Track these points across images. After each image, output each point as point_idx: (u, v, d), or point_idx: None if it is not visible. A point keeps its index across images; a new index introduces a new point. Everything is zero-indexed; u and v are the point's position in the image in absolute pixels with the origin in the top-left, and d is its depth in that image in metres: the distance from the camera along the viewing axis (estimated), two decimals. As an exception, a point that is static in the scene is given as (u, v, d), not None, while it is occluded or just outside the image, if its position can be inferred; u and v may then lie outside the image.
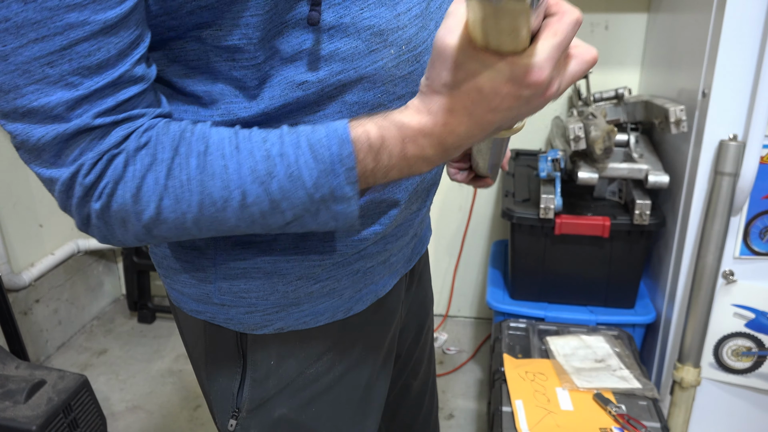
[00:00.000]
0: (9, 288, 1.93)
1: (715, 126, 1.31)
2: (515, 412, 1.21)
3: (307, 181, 0.49)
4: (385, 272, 0.71)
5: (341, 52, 0.53)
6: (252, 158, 0.49)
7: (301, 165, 0.49)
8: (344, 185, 0.50)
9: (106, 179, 0.48)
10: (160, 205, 0.49)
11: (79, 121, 0.46)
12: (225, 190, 0.49)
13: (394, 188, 0.64)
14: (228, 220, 0.51)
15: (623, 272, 1.56)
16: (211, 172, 0.49)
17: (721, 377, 1.45)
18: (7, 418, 1.32)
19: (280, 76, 0.53)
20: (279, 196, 0.49)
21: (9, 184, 1.95)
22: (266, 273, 0.62)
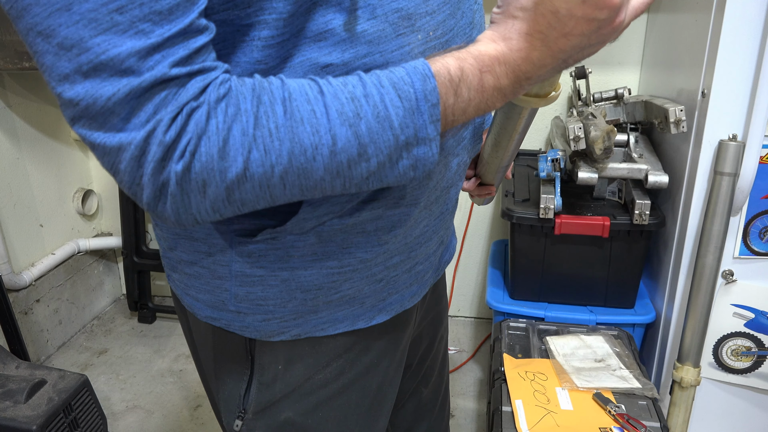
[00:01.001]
0: (9, 288, 1.93)
1: (715, 126, 1.31)
2: (515, 412, 1.21)
3: (394, 120, 0.48)
4: (412, 281, 0.69)
5: (368, 34, 0.52)
6: (338, 100, 0.47)
7: (387, 104, 0.47)
8: (428, 124, 0.48)
9: (188, 135, 0.44)
10: (249, 158, 0.45)
11: (154, 72, 0.42)
12: (315, 135, 0.46)
13: (413, 187, 0.62)
14: (316, 171, 0.48)
15: (623, 272, 1.56)
16: (299, 117, 0.46)
17: (720, 377, 1.45)
18: (8, 417, 1.32)
19: (303, 56, 0.51)
20: (367, 139, 0.47)
21: (9, 184, 1.95)
22: (284, 280, 0.61)
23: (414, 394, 0.91)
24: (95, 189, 2.36)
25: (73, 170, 2.24)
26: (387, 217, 0.62)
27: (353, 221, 0.60)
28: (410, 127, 0.48)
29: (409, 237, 0.66)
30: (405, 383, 0.88)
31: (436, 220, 0.69)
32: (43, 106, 2.08)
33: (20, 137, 1.99)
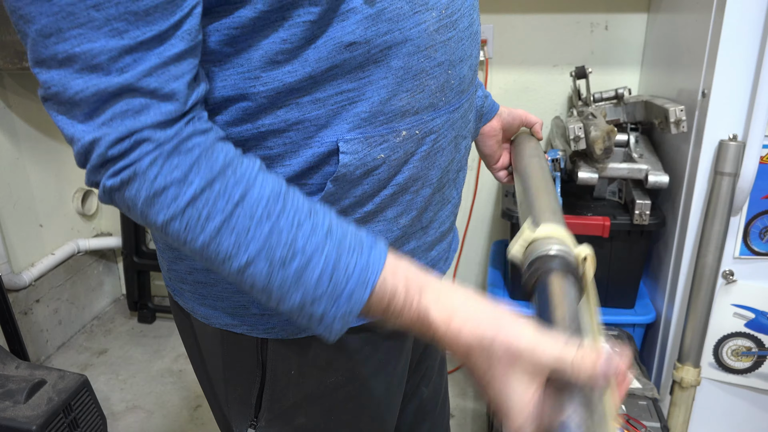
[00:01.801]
0: (9, 288, 1.93)
1: (715, 126, 1.31)
2: (515, 412, 1.21)
3: (310, 291, 0.48)
4: (427, 267, 0.69)
5: (387, 11, 0.52)
6: (277, 237, 0.47)
7: (316, 275, 0.47)
8: (336, 319, 0.48)
9: (126, 161, 0.45)
10: (169, 222, 0.47)
11: (123, 77, 0.43)
12: (235, 248, 0.47)
13: (429, 164, 0.62)
14: (220, 269, 0.49)
15: (623, 272, 1.56)
16: (232, 226, 0.47)
17: (720, 377, 1.45)
18: (7, 418, 1.32)
19: (326, 36, 0.51)
20: (276, 286, 0.48)
21: (9, 184, 1.95)
22: None
23: (415, 394, 0.91)
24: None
25: (73, 170, 2.24)
26: (404, 201, 0.62)
27: (373, 208, 0.60)
28: (320, 307, 0.48)
29: (424, 221, 0.66)
30: (406, 383, 0.87)
31: (448, 205, 0.69)
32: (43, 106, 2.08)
33: (20, 137, 1.99)
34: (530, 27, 1.85)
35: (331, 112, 0.54)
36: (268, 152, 0.55)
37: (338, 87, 0.53)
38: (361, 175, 0.57)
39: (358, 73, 0.53)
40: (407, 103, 0.56)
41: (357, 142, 0.55)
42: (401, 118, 0.57)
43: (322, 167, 0.56)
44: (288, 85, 0.52)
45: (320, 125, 0.54)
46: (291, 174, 0.56)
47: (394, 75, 0.55)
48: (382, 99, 0.55)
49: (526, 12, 1.84)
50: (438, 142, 0.62)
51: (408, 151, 0.59)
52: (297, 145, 0.55)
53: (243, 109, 0.53)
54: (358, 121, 0.55)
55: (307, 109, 0.54)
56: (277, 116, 0.54)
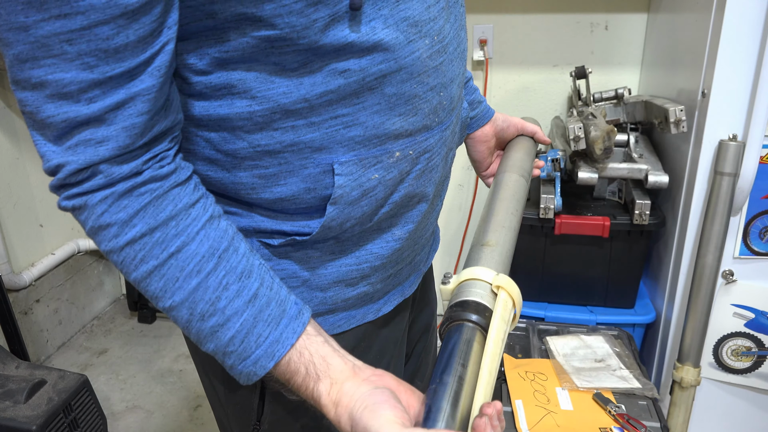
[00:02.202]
0: (9, 288, 1.93)
1: (715, 126, 1.31)
2: (515, 412, 1.21)
3: (222, 347, 0.53)
4: (411, 271, 0.72)
5: (384, 43, 0.54)
6: (202, 293, 0.51)
7: (229, 335, 0.52)
8: (242, 374, 0.54)
9: (79, 190, 0.50)
10: (108, 253, 0.52)
11: (91, 108, 0.46)
12: (161, 292, 0.52)
13: (425, 181, 0.64)
14: (153, 300, 0.53)
15: (623, 272, 1.56)
16: (162, 273, 0.51)
17: (720, 377, 1.45)
18: (7, 417, 1.32)
19: (321, 62, 0.53)
20: (193, 333, 0.53)
21: (9, 184, 1.95)
22: (304, 281, 0.63)
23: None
24: (95, 189, 2.36)
25: (73, 170, 2.24)
26: (403, 216, 0.64)
27: (371, 225, 0.62)
28: (229, 360, 0.54)
29: (419, 231, 0.68)
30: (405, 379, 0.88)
31: (434, 212, 0.72)
32: (43, 106, 2.08)
33: (20, 137, 1.99)
34: (530, 27, 1.85)
35: (326, 135, 0.56)
36: (264, 171, 0.57)
37: (333, 112, 0.55)
38: (358, 196, 0.59)
39: (353, 99, 0.55)
40: (400, 126, 0.58)
41: (351, 164, 0.57)
42: (394, 140, 0.58)
43: (318, 189, 0.58)
44: (283, 106, 0.54)
45: (315, 147, 0.56)
46: (288, 194, 0.58)
47: (387, 101, 0.57)
48: (375, 123, 0.57)
49: (526, 12, 1.84)
50: (432, 160, 0.64)
51: (402, 170, 0.61)
52: (292, 165, 0.57)
53: (239, 128, 0.55)
54: (353, 144, 0.57)
55: (302, 132, 0.55)
56: (272, 137, 0.55)
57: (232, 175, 0.58)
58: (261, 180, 0.57)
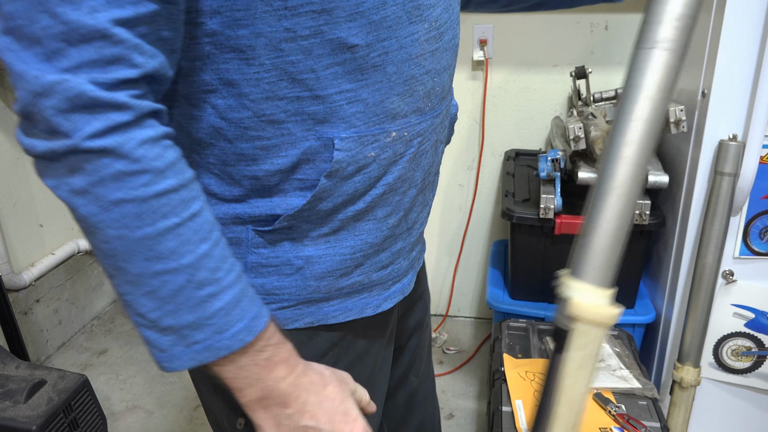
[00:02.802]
0: (9, 288, 1.93)
1: (715, 126, 1.31)
2: (515, 412, 1.21)
3: (204, 317, 0.52)
4: (408, 268, 0.73)
5: (388, 19, 0.56)
6: (208, 260, 0.51)
7: (217, 305, 0.52)
8: (203, 348, 0.52)
9: (109, 122, 0.46)
10: (120, 203, 0.48)
11: (95, 21, 0.43)
12: (170, 252, 0.50)
13: (416, 166, 0.66)
14: (129, 261, 0.50)
15: (623, 272, 1.56)
16: (179, 233, 0.49)
17: (720, 377, 1.45)
18: (7, 418, 1.32)
19: (331, 32, 0.54)
20: (180, 300, 0.51)
21: (9, 184, 1.95)
22: (298, 269, 0.64)
23: (404, 384, 0.92)
24: (95, 189, 2.36)
25: (73, 170, 2.24)
26: (393, 202, 0.65)
27: (364, 207, 0.63)
28: (200, 334, 0.52)
29: (409, 221, 0.69)
30: (394, 370, 0.89)
31: (427, 207, 0.73)
32: (43, 106, 2.08)
33: (20, 137, 1.99)
34: (530, 27, 1.85)
35: (329, 109, 0.57)
36: (266, 142, 0.58)
37: (338, 86, 0.56)
38: (353, 171, 0.60)
39: (357, 75, 0.56)
40: (398, 106, 0.60)
41: (351, 140, 0.58)
42: (392, 120, 0.60)
43: (317, 162, 0.59)
44: (290, 75, 0.54)
45: (318, 120, 0.57)
46: (287, 165, 0.59)
47: (388, 79, 0.58)
48: (376, 101, 0.58)
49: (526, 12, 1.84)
50: (423, 145, 0.65)
51: (397, 152, 0.62)
52: (294, 137, 0.58)
53: (245, 95, 0.55)
54: (354, 120, 0.58)
55: (307, 104, 0.56)
56: (277, 107, 0.56)
57: (234, 146, 0.58)
58: (262, 151, 0.58)
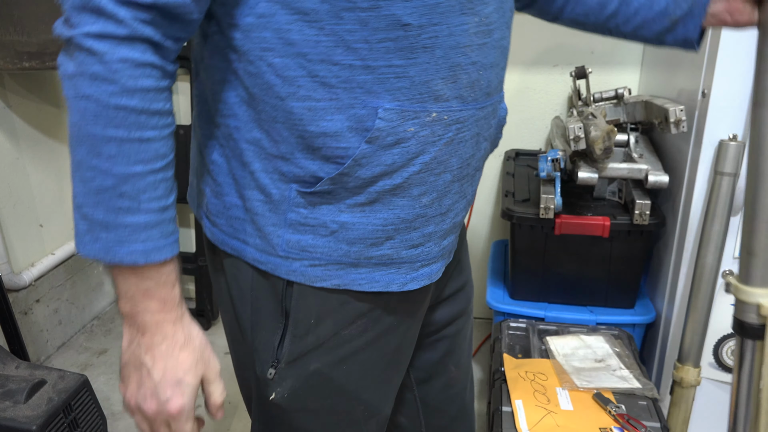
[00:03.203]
0: (9, 288, 1.93)
1: (715, 126, 1.31)
2: (515, 412, 1.21)
3: (112, 223, 0.57)
4: (438, 256, 0.75)
5: (442, 6, 0.60)
6: (138, 180, 0.57)
7: (129, 220, 0.58)
8: (98, 248, 0.58)
9: (78, 29, 0.54)
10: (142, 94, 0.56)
11: None
12: (109, 159, 0.56)
13: (452, 151, 0.68)
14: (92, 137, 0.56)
15: (623, 272, 1.56)
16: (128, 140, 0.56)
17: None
18: (7, 418, 1.32)
19: (388, 8, 0.58)
20: (104, 191, 0.57)
21: (9, 184, 1.95)
22: (333, 231, 0.67)
23: (442, 372, 0.95)
24: (95, 189, 2.36)
25: (73, 170, 2.24)
26: (428, 181, 0.68)
27: (400, 182, 0.66)
28: (102, 232, 0.58)
29: (443, 206, 0.72)
30: (430, 355, 0.93)
31: (464, 199, 0.75)
32: (43, 106, 2.08)
33: (20, 137, 1.99)
34: (530, 27, 1.85)
35: (378, 80, 0.61)
36: (315, 104, 0.62)
37: (388, 60, 0.61)
38: (392, 143, 0.64)
39: (408, 53, 0.61)
40: (441, 89, 0.64)
41: (393, 113, 0.62)
42: (434, 102, 0.64)
43: (359, 129, 0.63)
44: (346, 43, 0.59)
45: (366, 89, 0.61)
46: (332, 130, 0.63)
47: (435, 62, 0.62)
48: (422, 81, 0.62)
49: (526, 12, 1.84)
50: (461, 132, 0.68)
51: (435, 132, 0.65)
52: (341, 102, 0.62)
53: (303, 55, 0.60)
54: (398, 95, 0.62)
55: (358, 72, 0.61)
56: (330, 71, 0.61)
57: (285, 104, 0.62)
58: (310, 113, 0.62)
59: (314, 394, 0.76)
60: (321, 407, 0.77)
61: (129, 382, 0.64)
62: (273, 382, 0.75)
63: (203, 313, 2.26)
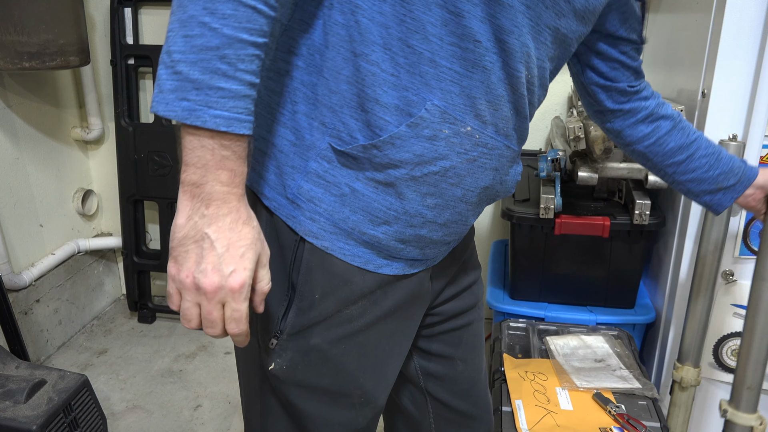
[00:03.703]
0: (9, 288, 1.93)
1: (715, 126, 1.31)
2: (515, 412, 1.21)
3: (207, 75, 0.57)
4: (418, 260, 0.78)
5: (508, 46, 0.66)
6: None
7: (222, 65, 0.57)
8: (183, 106, 0.57)
9: None
10: None
11: None
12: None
13: (470, 171, 0.71)
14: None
15: (623, 272, 1.56)
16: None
17: (720, 377, 1.45)
18: (8, 418, 1.32)
19: (467, 21, 0.64)
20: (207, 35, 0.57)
21: (9, 184, 1.95)
22: (343, 194, 0.70)
23: (449, 366, 0.97)
24: (95, 189, 2.36)
25: (73, 170, 2.24)
26: (440, 187, 0.71)
27: (419, 176, 0.69)
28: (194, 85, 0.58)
29: (442, 218, 0.74)
30: (435, 344, 0.95)
31: (461, 225, 0.78)
32: (43, 106, 2.08)
33: (20, 137, 1.99)
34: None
35: (436, 76, 0.66)
36: (379, 72, 0.66)
37: (452, 64, 0.65)
38: (426, 135, 0.67)
39: (469, 67, 0.66)
40: (483, 110, 0.69)
41: (438, 110, 0.67)
42: (473, 117, 0.69)
43: (405, 112, 0.67)
44: (425, 32, 0.64)
45: (424, 81, 0.66)
46: (384, 101, 0.66)
47: (488, 84, 0.68)
48: (471, 94, 0.67)
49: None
50: (484, 158, 0.72)
51: (464, 144, 0.69)
52: (401, 82, 0.66)
53: (385, 26, 0.65)
54: (447, 97, 0.67)
55: (424, 62, 0.65)
56: (403, 50, 0.65)
57: (356, 60, 0.66)
58: (372, 77, 0.66)
59: (312, 369, 0.77)
60: (318, 385, 0.78)
61: (186, 257, 0.61)
62: (273, 353, 0.76)
63: (203, 313, 2.26)
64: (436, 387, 0.98)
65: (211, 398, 1.90)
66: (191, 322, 0.63)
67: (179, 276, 0.61)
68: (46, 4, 1.69)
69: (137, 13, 2.13)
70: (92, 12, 2.15)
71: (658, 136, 0.98)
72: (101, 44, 2.19)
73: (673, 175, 1.01)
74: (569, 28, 0.73)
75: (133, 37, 2.14)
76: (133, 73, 2.17)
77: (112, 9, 2.10)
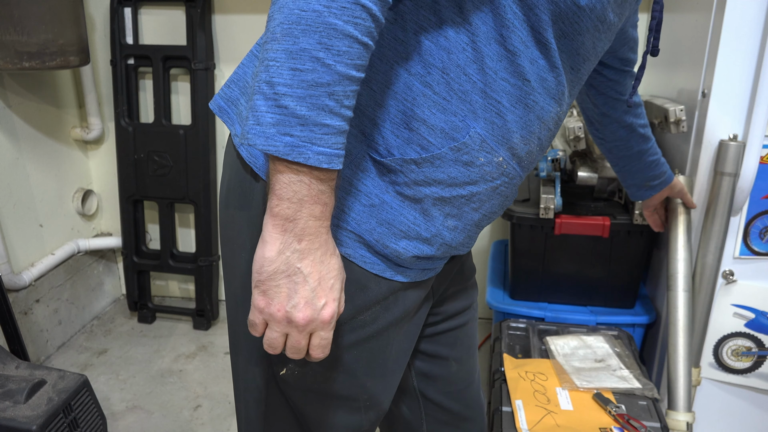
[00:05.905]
0: (9, 288, 1.93)
1: (715, 126, 1.31)
2: (515, 412, 1.21)
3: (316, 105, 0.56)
4: (426, 269, 0.78)
5: (547, 82, 0.70)
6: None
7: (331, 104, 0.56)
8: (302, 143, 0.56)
9: None
10: None
11: None
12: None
13: (489, 197, 0.74)
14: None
15: (623, 272, 1.56)
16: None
17: (721, 377, 1.45)
18: (7, 418, 1.32)
19: (522, 60, 0.66)
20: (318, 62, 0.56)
21: (9, 184, 1.95)
22: (371, 204, 0.70)
23: (443, 366, 0.97)
24: (95, 189, 2.36)
25: (72, 170, 2.24)
26: (462, 212, 0.72)
27: (447, 197, 0.70)
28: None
29: (455, 241, 0.75)
30: (429, 345, 0.95)
31: (466, 247, 0.79)
32: (43, 106, 2.08)
33: (20, 137, 1.99)
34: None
35: (483, 107, 0.67)
36: (432, 94, 0.66)
37: (500, 98, 0.67)
38: (465, 161, 0.69)
39: (514, 101, 0.68)
40: (516, 144, 0.71)
41: (478, 138, 0.68)
42: (506, 149, 0.71)
43: (449, 136, 0.68)
44: (482, 64, 0.66)
45: (472, 109, 0.67)
46: (431, 122, 0.67)
47: (526, 121, 0.70)
48: (510, 128, 0.69)
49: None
50: (504, 187, 0.74)
51: (493, 174, 0.71)
52: (450, 106, 0.67)
53: (449, 52, 0.65)
54: (490, 127, 0.68)
55: (476, 91, 0.67)
56: (459, 78, 0.66)
57: (410, 78, 0.66)
58: (423, 98, 0.66)
59: (323, 374, 0.77)
60: (327, 389, 0.78)
61: (278, 292, 0.61)
62: (286, 358, 0.75)
63: (203, 313, 2.26)
64: (430, 388, 0.98)
65: (210, 398, 1.90)
66: (276, 350, 0.64)
67: (269, 309, 0.61)
68: (46, 4, 1.69)
69: (137, 13, 2.13)
70: (92, 12, 2.15)
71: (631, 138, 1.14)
72: (101, 44, 2.19)
73: (621, 166, 1.21)
74: (592, 66, 0.77)
75: (133, 37, 2.14)
76: (133, 73, 2.17)
77: (112, 9, 2.10)
